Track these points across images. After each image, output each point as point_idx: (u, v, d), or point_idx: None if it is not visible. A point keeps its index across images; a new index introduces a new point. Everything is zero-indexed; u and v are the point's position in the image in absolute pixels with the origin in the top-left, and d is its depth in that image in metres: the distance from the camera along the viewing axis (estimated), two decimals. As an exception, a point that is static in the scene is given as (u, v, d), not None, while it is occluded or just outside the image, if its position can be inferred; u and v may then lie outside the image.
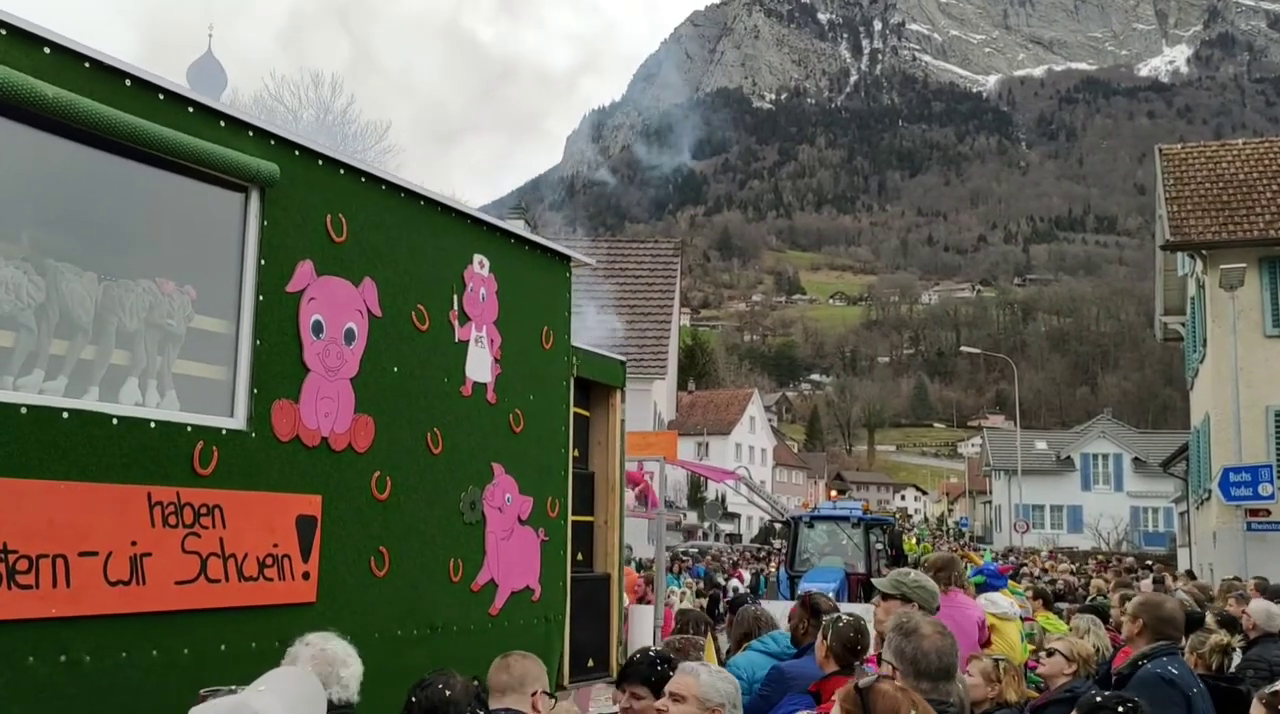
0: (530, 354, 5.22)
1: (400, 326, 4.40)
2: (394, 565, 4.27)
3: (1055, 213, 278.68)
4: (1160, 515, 59.30)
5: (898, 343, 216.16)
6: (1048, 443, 68.71)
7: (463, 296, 4.77)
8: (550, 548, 5.29)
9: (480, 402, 4.84)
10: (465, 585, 4.67)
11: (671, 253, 41.63)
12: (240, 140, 3.69)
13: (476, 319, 4.85)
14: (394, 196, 4.42)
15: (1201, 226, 22.51)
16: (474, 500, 4.76)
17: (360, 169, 4.26)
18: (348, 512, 4.07)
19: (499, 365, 4.97)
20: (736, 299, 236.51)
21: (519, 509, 5.07)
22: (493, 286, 4.96)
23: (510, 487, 5.01)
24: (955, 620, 5.75)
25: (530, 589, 5.12)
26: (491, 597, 4.85)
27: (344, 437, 4.07)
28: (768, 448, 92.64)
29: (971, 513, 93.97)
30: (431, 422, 4.54)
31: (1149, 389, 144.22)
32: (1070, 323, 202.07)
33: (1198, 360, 24.89)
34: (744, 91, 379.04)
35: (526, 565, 5.10)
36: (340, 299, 4.10)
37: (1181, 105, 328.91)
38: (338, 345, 4.06)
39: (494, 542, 4.87)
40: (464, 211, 4.85)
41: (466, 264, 4.82)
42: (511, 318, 5.08)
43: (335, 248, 4.08)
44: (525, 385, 5.17)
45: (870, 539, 16.39)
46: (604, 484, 6.15)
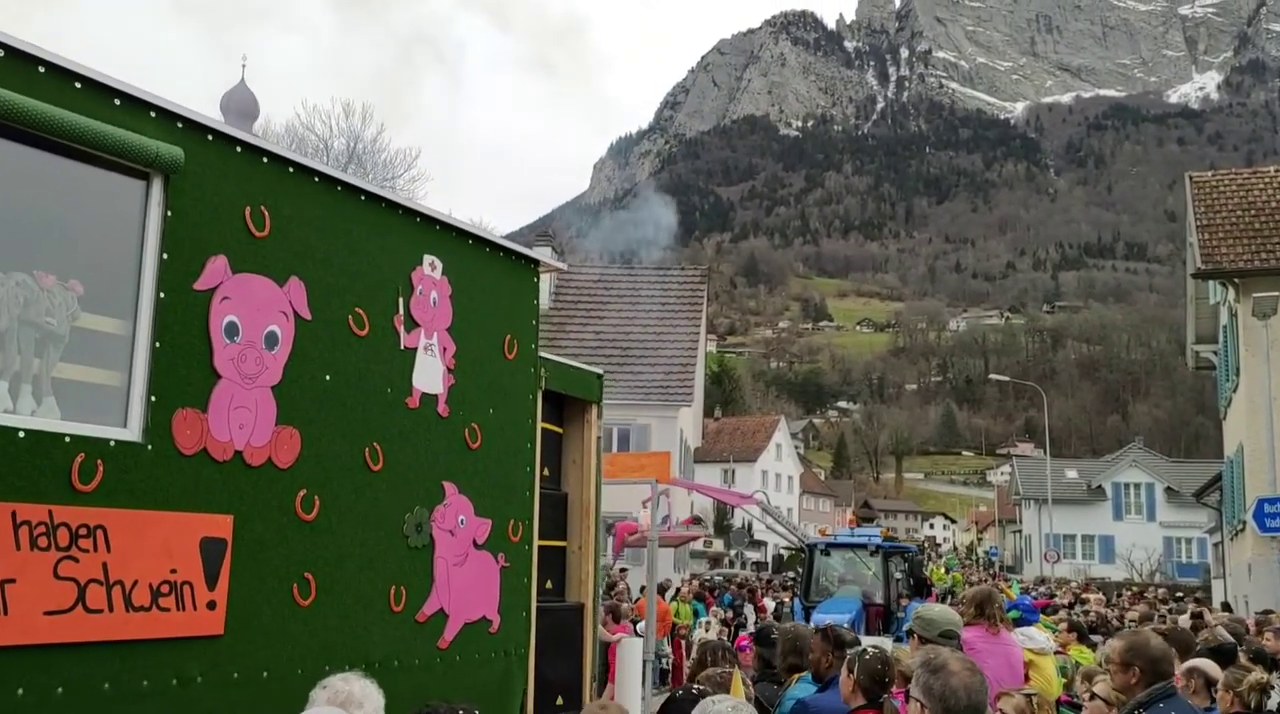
0: (490, 364, 4.82)
1: (334, 331, 4.01)
2: (322, 593, 3.86)
3: (1084, 240, 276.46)
4: (1194, 546, 58.16)
5: (925, 370, 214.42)
6: (1078, 471, 67.74)
7: (410, 300, 4.38)
8: (512, 575, 4.86)
9: (430, 415, 4.44)
10: (409, 616, 4.26)
11: (698, 279, 41.35)
12: (138, 121, 3.33)
13: (426, 325, 4.45)
14: (329, 190, 4.05)
15: (1233, 254, 22.17)
16: (420, 522, 4.35)
17: (288, 158, 3.89)
18: (266, 533, 3.67)
19: (452, 376, 4.57)
20: (763, 325, 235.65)
21: (474, 532, 4.66)
22: (446, 290, 4.58)
23: (464, 508, 4.60)
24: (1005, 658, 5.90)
25: (487, 620, 4.69)
26: (440, 628, 4.43)
27: (262, 450, 3.68)
28: (794, 475, 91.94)
29: (1001, 542, 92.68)
30: (371, 435, 4.14)
31: (1181, 417, 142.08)
32: (1100, 350, 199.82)
33: (1230, 389, 24.44)
34: (771, 119, 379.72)
35: (483, 594, 4.67)
36: (260, 299, 3.72)
37: (1212, 132, 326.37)
38: (256, 350, 3.68)
39: (444, 568, 4.45)
40: (413, 208, 4.47)
41: (415, 265, 4.43)
42: (468, 325, 4.69)
43: (255, 243, 3.71)
44: (484, 398, 4.76)
45: (889, 568, 15.80)
46: (578, 506, 5.71)
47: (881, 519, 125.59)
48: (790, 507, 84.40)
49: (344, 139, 47.34)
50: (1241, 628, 11.66)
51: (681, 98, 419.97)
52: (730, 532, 63.95)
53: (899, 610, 15.41)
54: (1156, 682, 4.38)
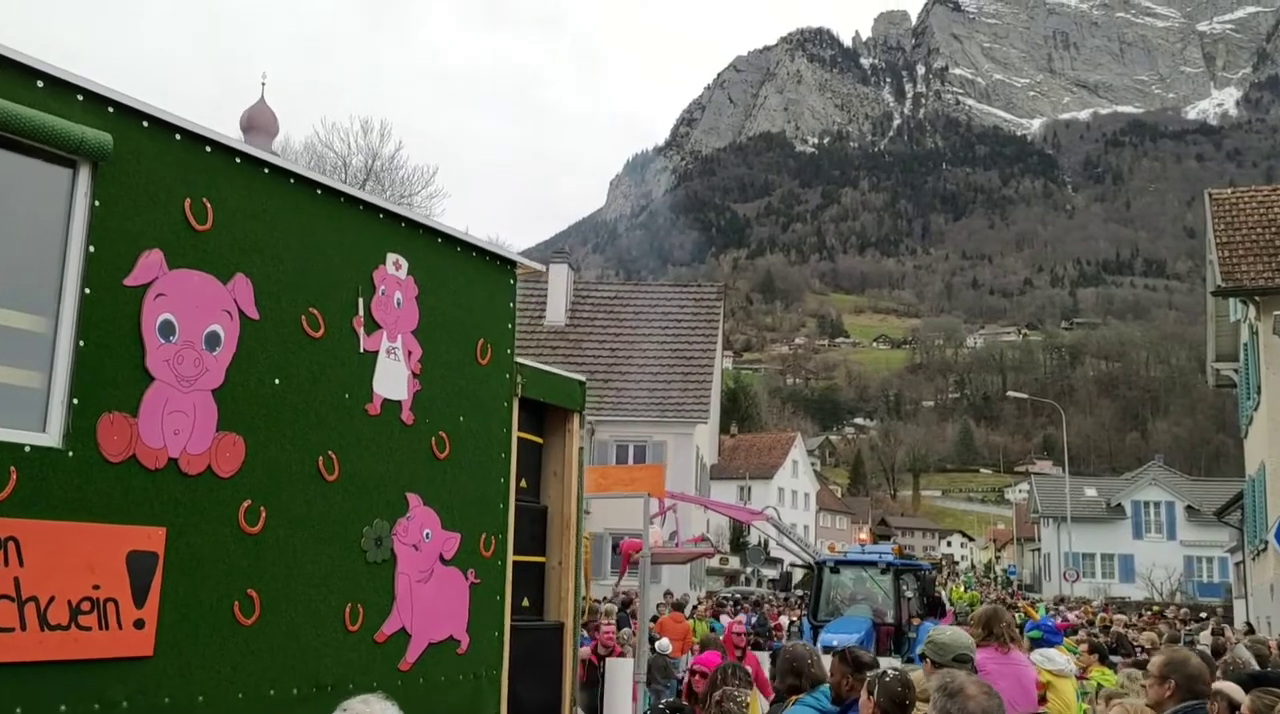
0: (461, 369, 4.57)
1: (284, 332, 3.77)
2: (267, 611, 3.61)
3: (1103, 256, 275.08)
4: (1215, 565, 57.43)
5: (942, 387, 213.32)
6: (1097, 490, 67.12)
7: (371, 301, 4.14)
8: (483, 592, 4.60)
9: (392, 422, 4.20)
10: (366, 635, 4.00)
11: (714, 296, 41.23)
12: (64, 105, 3.11)
13: (389, 327, 4.21)
14: (280, 182, 3.82)
15: (1254, 272, 22.01)
16: (381, 536, 4.10)
17: (234, 148, 3.66)
18: (204, 547, 3.43)
19: (418, 381, 4.32)
20: (779, 342, 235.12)
21: (441, 547, 4.40)
22: (411, 291, 4.34)
23: (430, 521, 4.35)
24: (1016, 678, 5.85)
25: (455, 640, 4.43)
26: (402, 649, 4.17)
27: (201, 458, 3.44)
28: (811, 492, 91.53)
29: (1020, 560, 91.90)
30: (325, 443, 3.90)
31: (1201, 435, 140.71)
32: (1119, 367, 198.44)
33: (1251, 408, 24.17)
34: (787, 135, 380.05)
35: (450, 612, 4.42)
36: (200, 297, 3.48)
37: (1231, 148, 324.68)
38: (195, 350, 3.44)
39: (406, 584, 4.20)
40: (375, 204, 4.23)
41: (377, 264, 4.19)
42: (436, 327, 4.44)
43: (196, 237, 3.48)
44: (453, 405, 4.52)
45: (900, 587, 15.43)
46: (559, 520, 5.44)
47: (898, 536, 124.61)
48: (807, 524, 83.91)
49: (362, 156, 47.55)
50: (1265, 649, 11.43)
51: (698, 115, 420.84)
52: (746, 549, 63.51)
53: (910, 630, 15.05)
54: (1190, 699, 4.41)
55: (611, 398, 35.44)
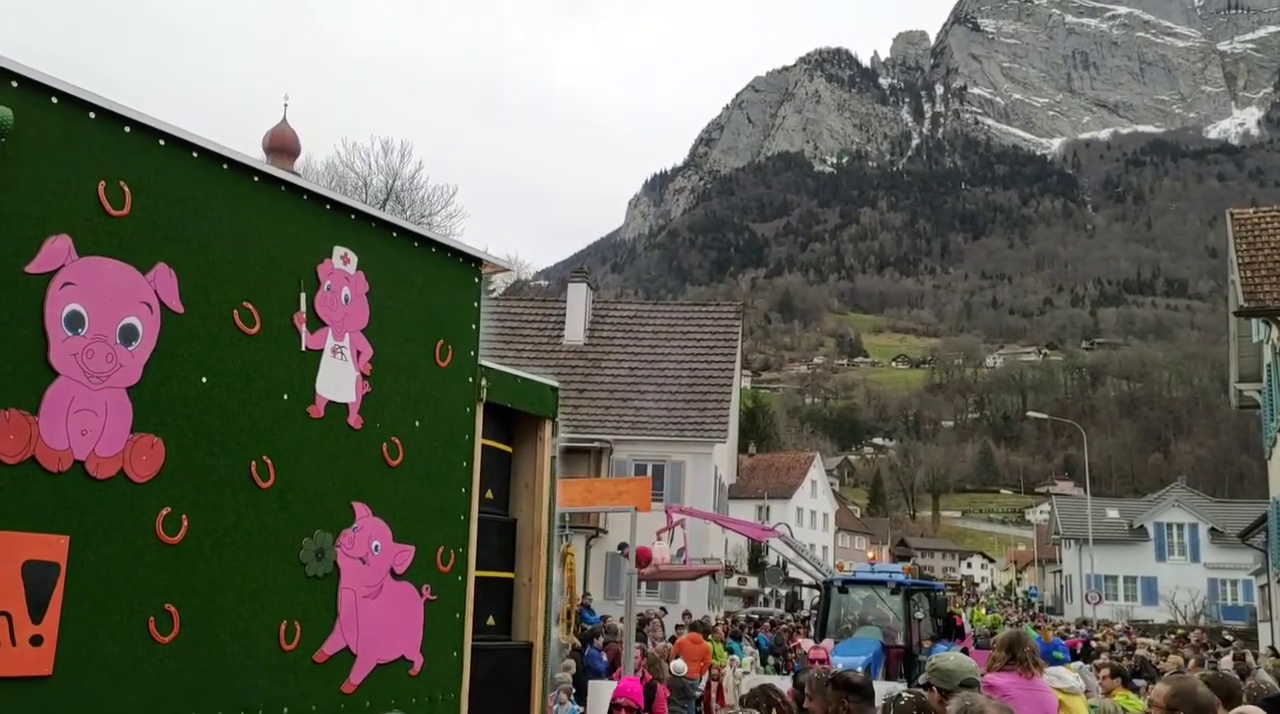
0: (417, 372, 4.29)
1: (213, 327, 3.50)
2: (187, 628, 3.32)
3: (1123, 276, 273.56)
4: (1239, 588, 56.61)
5: (962, 406, 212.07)
6: (1119, 511, 66.42)
7: (315, 296, 3.87)
8: (440, 609, 4.30)
9: (337, 426, 3.92)
10: (304, 655, 3.71)
11: (733, 316, 41.13)
12: (-44, 76, 2.87)
13: (335, 325, 3.94)
14: (211, 167, 3.55)
15: (1276, 292, 21.94)
16: (322, 548, 3.81)
17: (158, 129, 3.40)
18: (114, 557, 3.15)
19: (368, 383, 4.04)
20: (798, 361, 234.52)
21: (391, 560, 4.11)
22: (361, 287, 4.06)
23: (380, 532, 4.06)
24: (1039, 703, 5.82)
25: (407, 660, 4.14)
26: (345, 670, 3.87)
27: (112, 461, 3.16)
28: (830, 512, 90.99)
29: (1041, 582, 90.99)
30: (259, 447, 3.61)
31: (1224, 456, 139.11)
32: (1141, 388, 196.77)
33: (1275, 429, 23.88)
34: (805, 155, 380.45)
35: (402, 631, 4.12)
36: (115, 287, 3.21)
37: (1253, 168, 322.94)
38: (108, 345, 3.17)
39: (351, 600, 3.91)
40: (321, 194, 3.97)
41: (322, 257, 3.92)
42: (390, 327, 4.17)
43: (111, 223, 3.21)
44: (408, 409, 4.24)
45: (911, 607, 14.99)
46: (529, 534, 5.14)
47: (918, 558, 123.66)
48: (826, 544, 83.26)
49: (383, 176, 47.73)
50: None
51: (717, 134, 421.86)
52: (765, 569, 62.98)
53: (921, 654, 14.62)
54: None
55: (630, 417, 35.35)
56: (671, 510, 15.28)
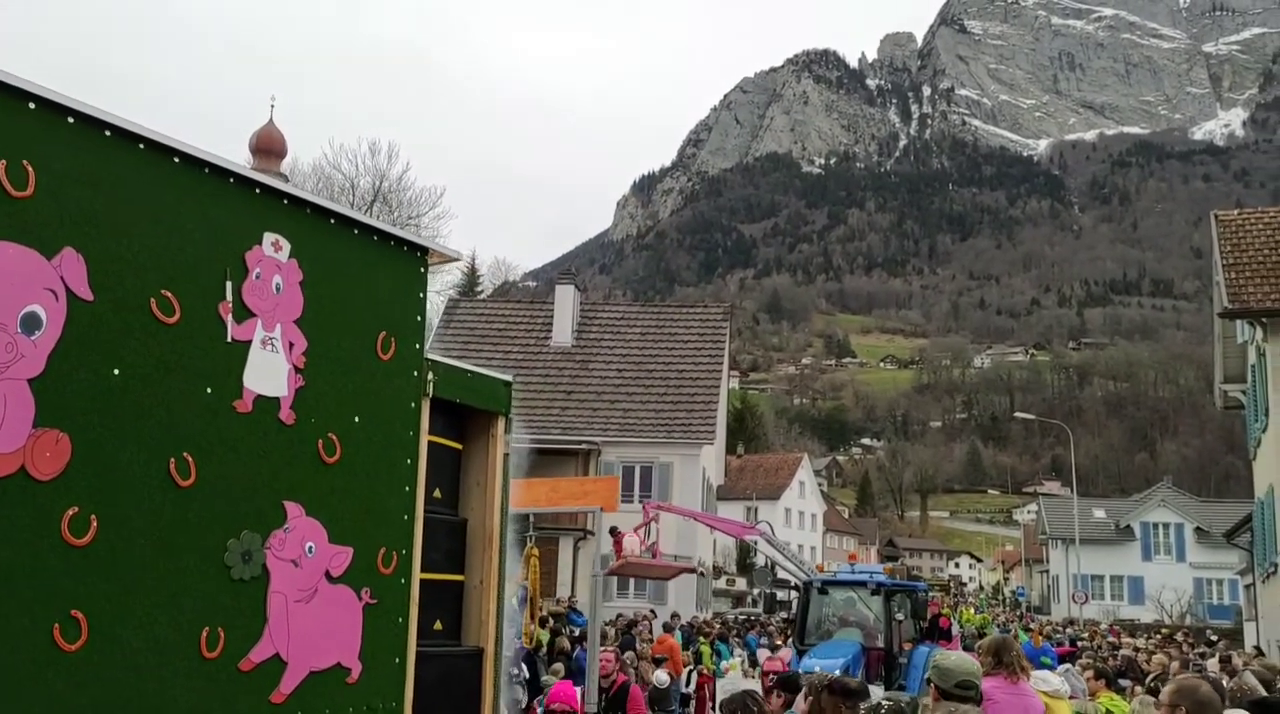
0: (356, 365, 4.10)
1: (127, 316, 3.30)
2: (98, 636, 3.12)
3: (1110, 276, 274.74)
4: (1225, 587, 56.77)
5: (950, 407, 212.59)
6: (1106, 511, 66.57)
7: (242, 285, 3.67)
8: (380, 614, 4.10)
9: (268, 421, 3.72)
10: (228, 663, 3.51)
11: (720, 317, 41.10)
12: None
13: (265, 315, 3.74)
14: (126, 147, 3.35)
15: (1261, 294, 21.94)
16: (250, 549, 3.61)
17: (67, 106, 3.20)
18: (14, 560, 2.95)
19: (301, 376, 3.84)
20: (786, 362, 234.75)
21: (328, 563, 3.91)
22: (294, 276, 3.86)
23: (314, 533, 3.86)
24: (1024, 709, 5.91)
25: (343, 668, 3.93)
26: (275, 678, 3.67)
27: (11, 458, 2.96)
28: (818, 513, 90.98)
29: (1028, 582, 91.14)
30: (179, 444, 3.41)
31: (1210, 456, 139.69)
32: (1127, 388, 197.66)
33: (1260, 430, 23.92)
34: (793, 156, 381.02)
35: (338, 637, 3.92)
36: (15, 273, 3.01)
37: (1238, 168, 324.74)
38: (7, 334, 2.97)
39: (281, 605, 3.70)
40: (249, 177, 3.77)
41: (251, 244, 3.72)
42: (326, 318, 3.97)
43: (13, 205, 3.01)
44: (346, 404, 4.04)
45: (891, 609, 14.82)
46: (480, 534, 4.93)
47: (906, 557, 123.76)
48: (814, 545, 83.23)
49: (370, 177, 47.44)
50: (1270, 674, 11.01)
51: (704, 135, 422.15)
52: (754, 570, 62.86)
53: (902, 656, 14.46)
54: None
55: (618, 419, 35.29)
56: (649, 506, 15.11)
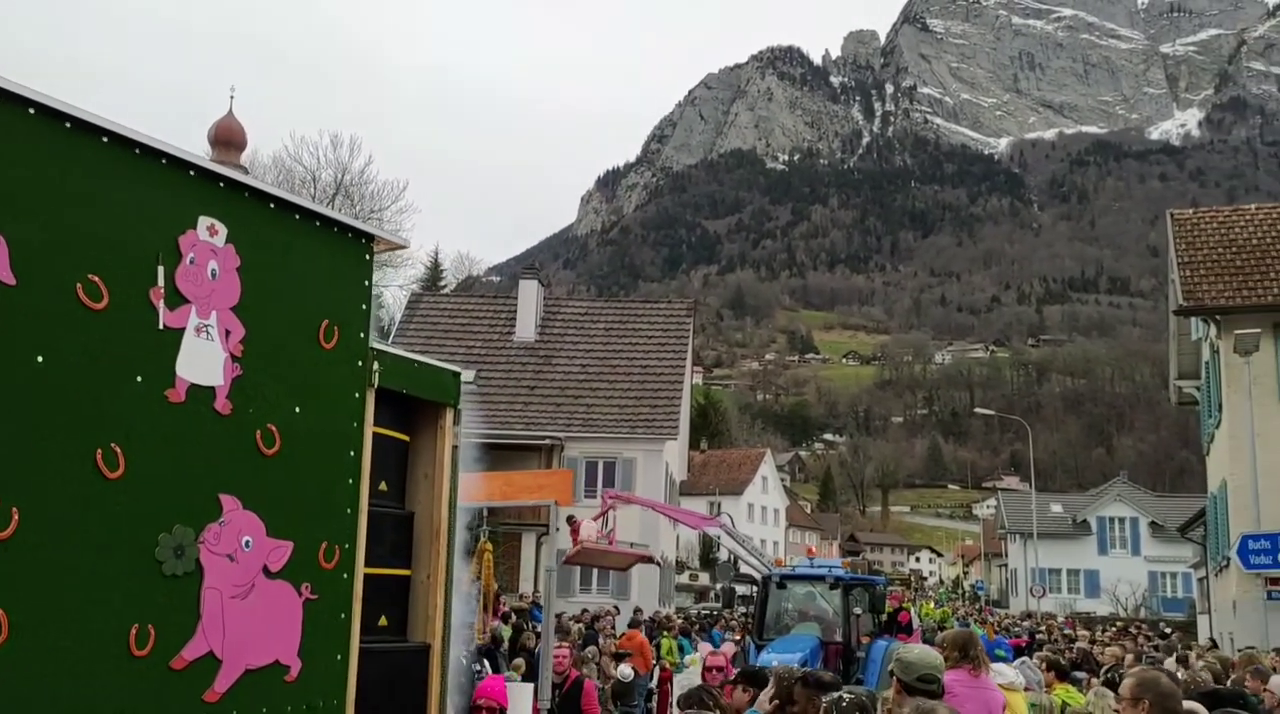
0: (297, 354, 3.98)
1: (52, 302, 3.17)
2: (20, 633, 3.00)
3: (1068, 274, 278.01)
4: (1179, 581, 57.67)
5: (911, 403, 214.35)
6: (1063, 506, 67.43)
7: (175, 270, 3.55)
8: (321, 609, 4.00)
9: (202, 411, 3.60)
10: (159, 661, 3.39)
11: (684, 312, 41.18)
12: None
13: (199, 302, 3.62)
14: (50, 126, 3.23)
15: (1215, 291, 22.28)
16: (182, 544, 3.50)
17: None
18: (-73, 555, 2.83)
19: (238, 365, 3.73)
20: (749, 358, 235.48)
21: (265, 557, 3.80)
22: (231, 262, 3.75)
23: (251, 527, 3.75)
24: (984, 702, 5.95)
25: (282, 666, 3.83)
26: (209, 677, 3.56)
27: (-75, 448, 2.84)
28: (780, 508, 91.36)
29: (987, 576, 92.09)
30: (107, 434, 3.29)
31: (1165, 451, 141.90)
32: (1085, 384, 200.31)
33: (1213, 425, 24.30)
34: (757, 152, 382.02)
35: (276, 633, 3.82)
36: (-70, 255, 2.90)
37: (1193, 168, 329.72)
38: (-79, 318, 2.85)
39: (215, 601, 3.59)
40: (183, 159, 3.65)
41: (185, 228, 3.60)
42: (264, 305, 3.86)
43: (-72, 184, 2.89)
44: (286, 394, 3.92)
45: (850, 603, 14.84)
46: (427, 528, 4.83)
47: (868, 552, 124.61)
48: (777, 540, 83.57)
49: (332, 170, 46.88)
50: (1222, 667, 11.19)
51: (669, 131, 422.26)
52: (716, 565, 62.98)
53: (860, 650, 14.49)
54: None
55: (581, 414, 35.28)
56: (607, 495, 15.08)
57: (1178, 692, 4.95)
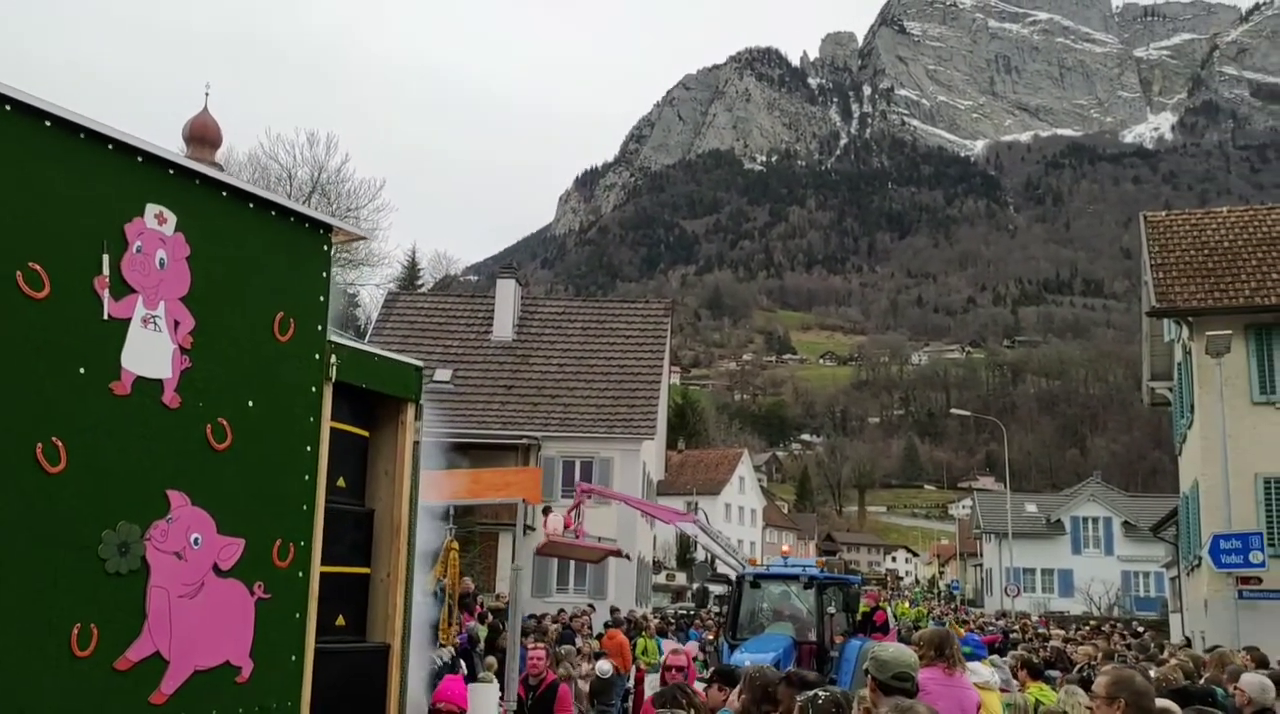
0: (250, 347, 3.88)
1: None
2: (-49, 634, 2.90)
3: (1043, 276, 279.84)
4: (1151, 580, 58.08)
5: (888, 403, 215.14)
6: (1038, 506, 67.84)
7: (121, 259, 3.44)
8: (274, 609, 3.89)
9: (149, 404, 3.49)
10: (102, 662, 3.29)
11: (662, 312, 41.21)
12: None
13: (146, 292, 3.51)
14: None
15: (1187, 293, 22.45)
16: (128, 541, 3.39)
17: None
18: None
19: (187, 357, 3.62)
20: (727, 358, 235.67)
21: (215, 555, 3.69)
22: (181, 251, 3.64)
23: (200, 524, 3.64)
24: (958, 701, 5.97)
25: (233, 667, 3.72)
26: (155, 678, 3.45)
27: None
28: (757, 508, 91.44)
29: (962, 575, 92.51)
30: (47, 427, 3.18)
31: (1138, 452, 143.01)
32: (1059, 385, 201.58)
33: (1185, 426, 24.48)
34: (735, 153, 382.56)
35: (226, 634, 3.71)
36: None
37: (1166, 171, 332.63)
38: None
39: (162, 600, 3.48)
40: (130, 144, 3.53)
41: (131, 216, 3.49)
42: (217, 296, 3.75)
43: None
44: (239, 387, 3.82)
45: (823, 602, 14.81)
46: (387, 526, 4.73)
47: (844, 552, 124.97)
48: (754, 540, 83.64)
49: (308, 168, 46.46)
50: (1193, 665, 11.23)
51: (647, 132, 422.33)
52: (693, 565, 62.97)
53: (833, 649, 14.46)
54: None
55: (559, 414, 35.21)
56: (581, 487, 15.01)
57: (1151, 690, 4.96)
